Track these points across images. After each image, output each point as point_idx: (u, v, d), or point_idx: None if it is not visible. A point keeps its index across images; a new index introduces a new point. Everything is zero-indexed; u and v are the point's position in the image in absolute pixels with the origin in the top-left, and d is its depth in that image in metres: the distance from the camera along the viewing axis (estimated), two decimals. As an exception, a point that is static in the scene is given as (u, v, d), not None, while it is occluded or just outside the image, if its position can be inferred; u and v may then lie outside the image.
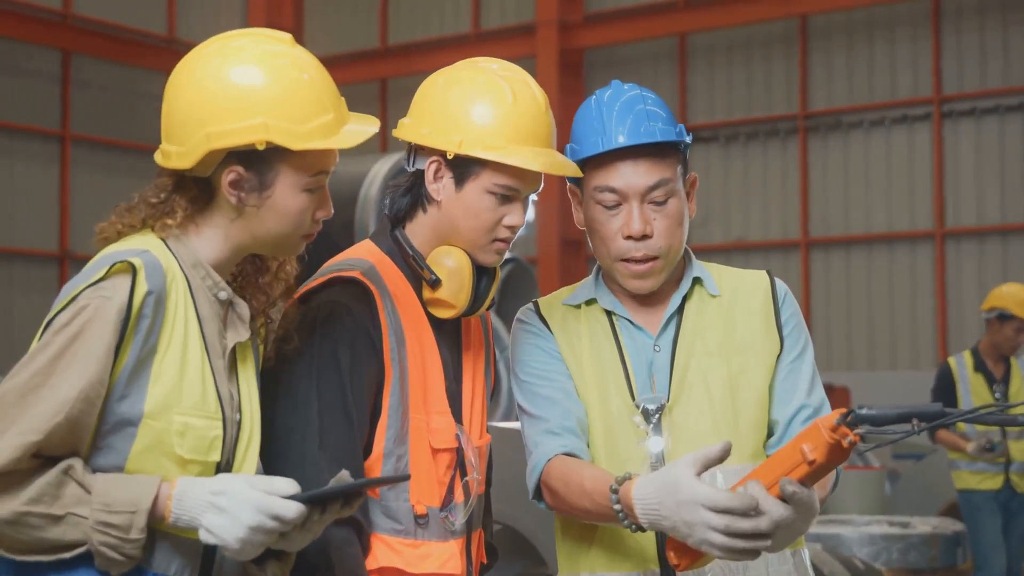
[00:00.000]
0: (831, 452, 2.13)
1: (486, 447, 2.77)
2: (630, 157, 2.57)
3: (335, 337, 2.49)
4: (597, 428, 2.59)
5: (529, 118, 2.56)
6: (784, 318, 2.67)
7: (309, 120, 2.23)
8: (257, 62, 2.24)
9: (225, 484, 2.10)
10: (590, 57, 17.00)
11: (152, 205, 2.28)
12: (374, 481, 2.37)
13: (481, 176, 2.55)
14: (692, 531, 2.18)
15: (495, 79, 2.59)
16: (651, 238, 2.57)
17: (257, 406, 2.35)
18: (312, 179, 2.28)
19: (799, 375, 2.64)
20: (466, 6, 18.03)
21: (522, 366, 2.66)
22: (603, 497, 2.35)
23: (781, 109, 16.11)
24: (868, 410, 2.13)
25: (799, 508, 2.17)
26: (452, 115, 2.56)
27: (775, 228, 16.13)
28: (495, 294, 2.68)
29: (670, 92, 16.67)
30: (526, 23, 17.17)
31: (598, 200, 2.60)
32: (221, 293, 2.28)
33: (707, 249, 16.23)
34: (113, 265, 2.14)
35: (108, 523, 2.04)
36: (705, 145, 16.50)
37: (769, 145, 16.23)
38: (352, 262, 2.60)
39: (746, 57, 16.36)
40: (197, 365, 2.21)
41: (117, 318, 2.10)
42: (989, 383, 7.81)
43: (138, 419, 2.14)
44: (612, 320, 2.66)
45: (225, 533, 2.06)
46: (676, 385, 2.59)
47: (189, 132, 2.23)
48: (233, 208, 2.27)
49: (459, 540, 2.62)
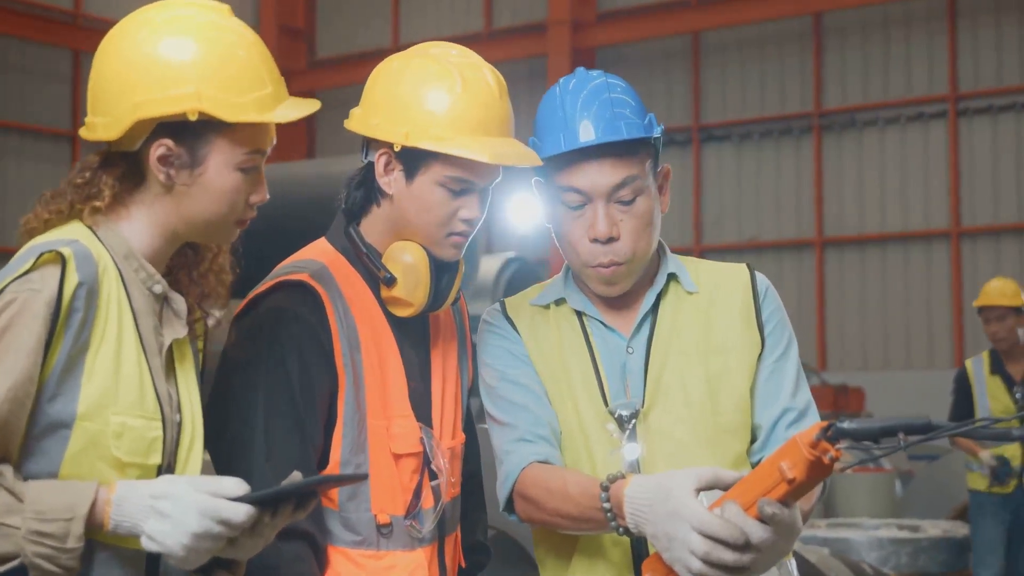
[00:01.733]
0: (811, 469, 1.99)
1: (460, 447, 2.64)
2: (595, 155, 2.42)
3: (282, 344, 2.37)
4: (570, 435, 2.46)
5: (480, 106, 2.43)
6: (765, 315, 2.52)
7: (244, 93, 2.11)
8: (190, 32, 2.12)
9: (168, 487, 1.96)
10: (602, 56, 16.91)
11: (78, 187, 2.14)
12: (326, 479, 2.25)
13: (431, 168, 2.43)
14: (671, 546, 2.07)
15: (445, 66, 2.45)
16: (617, 240, 2.43)
17: (198, 407, 2.22)
18: (247, 157, 2.15)
19: (782, 376, 2.50)
20: (477, 5, 17.98)
21: (489, 371, 2.53)
22: (591, 499, 2.23)
23: (795, 107, 16.02)
24: (850, 423, 1.99)
25: (780, 529, 2.04)
26: (400, 105, 2.44)
27: (788, 227, 16.02)
28: (459, 288, 2.57)
29: (683, 91, 16.60)
30: (538, 22, 17.11)
31: (562, 200, 2.46)
32: (156, 286, 2.16)
33: (719, 249, 16.15)
34: (41, 256, 2.00)
35: (42, 532, 1.90)
36: (718, 144, 16.42)
37: (782, 144, 16.12)
38: (301, 264, 2.49)
39: (759, 55, 16.27)
40: (133, 362, 2.08)
41: (47, 311, 1.97)
42: (1008, 386, 7.41)
43: (71, 420, 2.00)
44: (583, 321, 2.53)
45: (169, 540, 1.92)
46: (651, 389, 2.45)
47: (116, 102, 2.10)
48: (162, 187, 2.13)
49: (428, 548, 2.49)
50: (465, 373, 2.70)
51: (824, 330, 15.72)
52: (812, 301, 15.81)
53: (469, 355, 2.74)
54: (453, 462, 2.58)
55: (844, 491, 9.09)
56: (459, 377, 2.66)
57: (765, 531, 2.03)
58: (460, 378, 2.67)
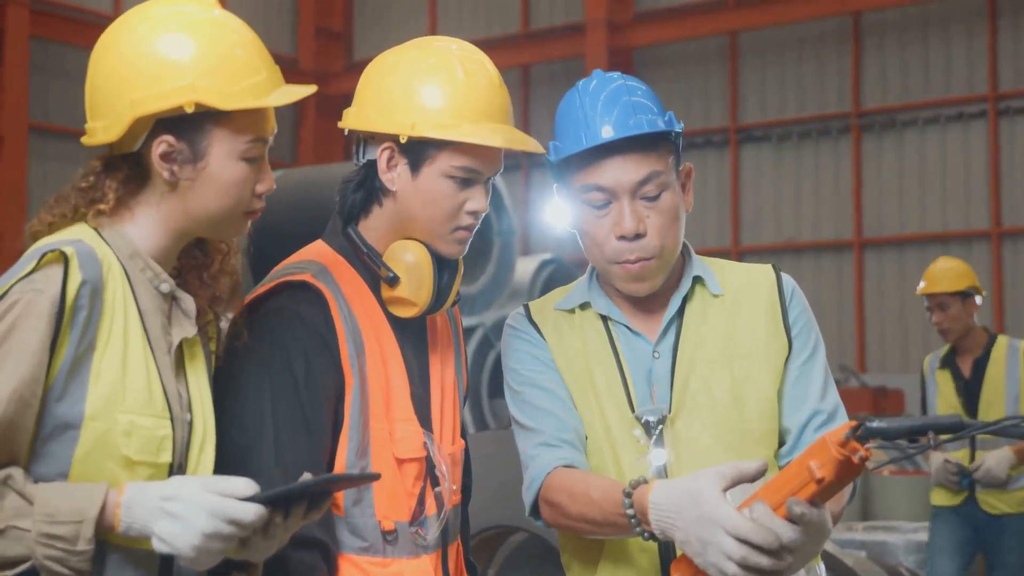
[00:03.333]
0: (840, 469, 1.97)
1: (460, 453, 2.61)
2: (617, 152, 2.40)
3: (287, 347, 2.33)
4: (596, 441, 2.44)
5: (483, 93, 2.41)
6: (792, 317, 2.50)
7: (239, 80, 2.12)
8: (182, 27, 2.14)
9: (177, 488, 1.95)
10: (639, 56, 16.85)
11: (82, 190, 2.15)
12: (337, 478, 2.22)
13: (438, 159, 2.40)
14: (705, 551, 2.03)
15: (444, 56, 2.44)
16: (645, 237, 2.40)
17: (210, 406, 2.21)
18: (249, 145, 2.15)
19: (810, 378, 2.47)
20: (515, 6, 17.96)
21: (514, 375, 2.51)
22: (614, 504, 2.20)
23: (833, 107, 15.91)
24: (879, 423, 1.96)
25: (809, 529, 2.01)
26: (401, 97, 2.41)
27: (827, 228, 15.91)
28: (459, 289, 2.54)
29: (720, 91, 16.52)
30: (575, 22, 17.06)
31: (586, 200, 2.43)
32: (163, 285, 2.16)
33: (758, 250, 16.07)
34: (43, 256, 2.01)
35: (53, 535, 1.90)
36: (756, 145, 16.33)
37: (821, 144, 16.02)
38: (301, 265, 2.45)
39: (798, 55, 16.17)
40: (140, 361, 2.08)
41: (51, 311, 1.97)
42: (956, 381, 6.48)
43: (79, 421, 2.00)
44: (608, 326, 2.50)
45: (179, 541, 1.92)
46: (678, 395, 2.42)
47: (113, 103, 2.11)
48: (167, 184, 2.13)
49: (433, 555, 2.46)
50: (461, 380, 2.67)
51: (864, 332, 15.61)
52: (851, 302, 15.71)
53: (464, 362, 2.70)
54: (454, 468, 2.55)
55: (882, 494, 9.00)
56: (456, 383, 2.63)
57: (794, 532, 2.00)
58: (457, 384, 2.64)
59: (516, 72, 17.58)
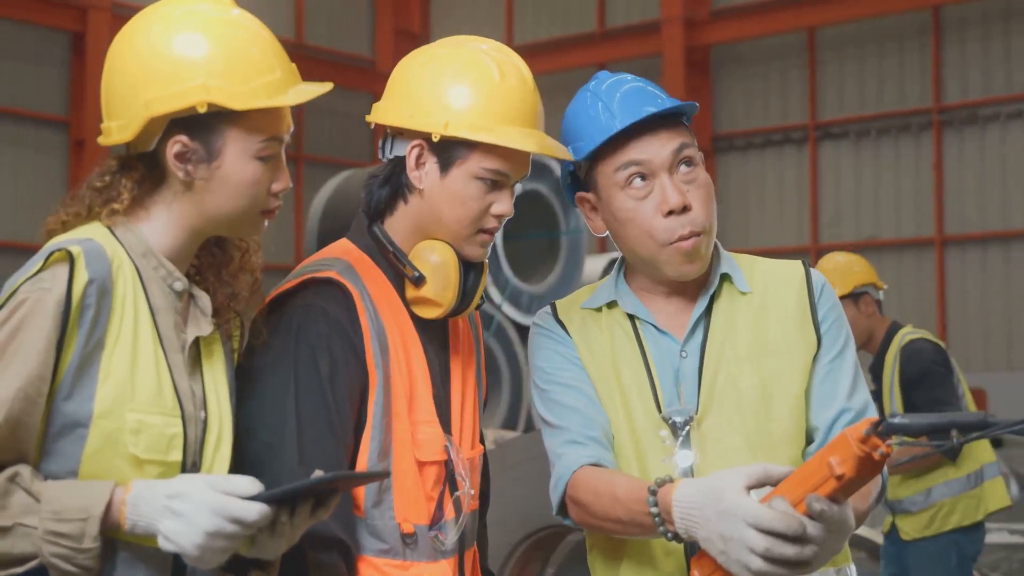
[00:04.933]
0: (861, 465, 1.92)
1: (479, 459, 2.57)
2: (646, 131, 2.38)
3: (312, 343, 2.31)
4: (622, 441, 2.39)
5: (518, 97, 2.38)
6: (822, 314, 2.44)
7: (252, 79, 2.11)
8: (195, 26, 2.13)
9: (182, 486, 1.95)
10: (716, 54, 16.76)
11: (97, 190, 2.15)
12: (345, 476, 2.18)
13: (468, 160, 2.37)
14: (728, 548, 1.99)
15: (479, 56, 2.40)
16: (692, 211, 2.37)
17: (227, 405, 2.21)
18: (263, 145, 2.14)
19: (839, 376, 2.41)
20: (591, 5, 17.93)
21: (540, 373, 2.47)
22: (639, 503, 2.16)
23: (914, 103, 15.70)
24: (901, 419, 1.91)
25: (830, 526, 1.96)
26: (435, 95, 2.38)
27: (908, 226, 15.70)
28: (483, 292, 2.52)
29: (799, 87, 16.37)
30: (651, 20, 17.00)
31: (623, 184, 2.39)
32: (176, 283, 2.15)
33: (837, 248, 15.86)
34: (51, 255, 2.01)
35: (59, 532, 1.91)
36: (835, 141, 16.16)
37: (901, 140, 15.81)
38: (327, 262, 2.42)
39: (878, 50, 15.97)
40: (150, 359, 2.07)
41: (57, 310, 1.97)
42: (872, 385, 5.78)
43: (87, 419, 2.00)
44: (635, 325, 2.46)
45: (183, 539, 1.91)
46: (705, 395, 2.37)
47: (127, 103, 2.11)
48: (182, 184, 2.13)
49: (451, 560, 2.43)
50: (481, 385, 2.64)
51: (946, 330, 15.38)
52: (933, 301, 15.49)
53: (483, 367, 2.68)
54: (472, 473, 2.52)
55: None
56: (476, 388, 2.60)
57: (814, 528, 1.96)
58: (477, 389, 2.61)
59: (591, 71, 17.48)
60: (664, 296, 2.47)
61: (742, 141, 16.66)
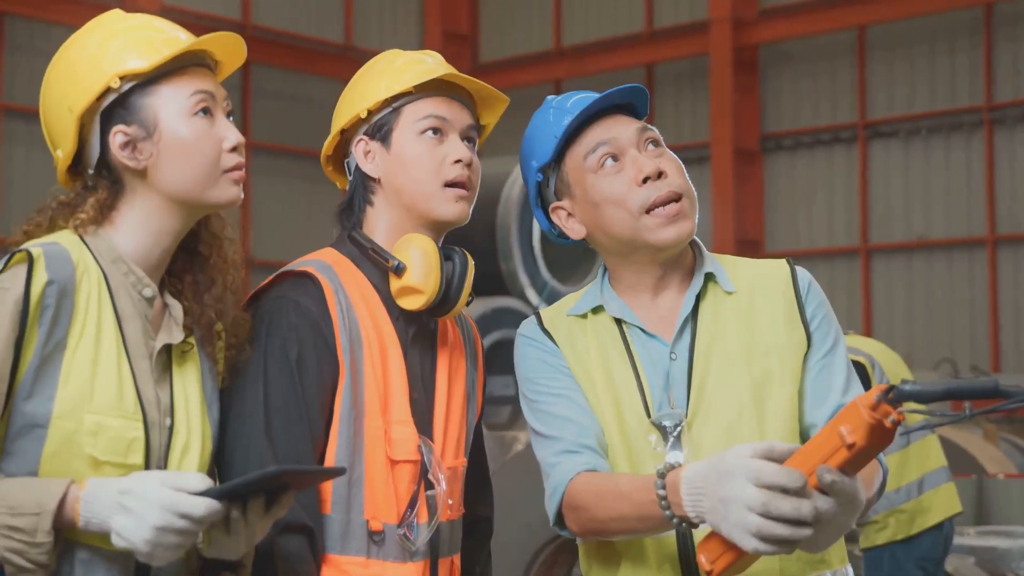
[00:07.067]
0: (872, 433, 1.89)
1: (462, 469, 2.58)
2: (605, 117, 2.46)
3: (282, 334, 2.37)
4: (615, 448, 2.38)
5: (416, 58, 2.59)
6: (810, 311, 2.42)
7: (153, 45, 2.21)
8: (96, 31, 2.26)
9: (134, 483, 1.98)
10: (765, 53, 16.65)
11: (62, 203, 2.23)
12: (297, 470, 2.20)
13: (401, 121, 2.52)
14: (728, 512, 1.96)
15: (378, 57, 2.64)
16: (667, 176, 2.40)
17: (197, 413, 2.24)
18: (193, 100, 2.21)
19: (832, 371, 2.40)
20: (639, 5, 17.87)
21: (529, 384, 2.46)
22: (645, 491, 2.14)
23: (965, 101, 15.52)
24: (912, 386, 1.88)
25: (841, 499, 1.94)
26: (355, 91, 2.59)
27: (958, 225, 15.52)
28: (471, 290, 2.55)
29: (848, 86, 16.23)
30: (699, 21, 16.93)
31: (596, 168, 2.42)
32: (145, 290, 2.20)
33: (886, 248, 15.77)
34: (12, 256, 2.09)
35: (13, 527, 1.95)
36: (885, 140, 16.01)
37: (952, 139, 15.64)
38: (307, 261, 2.50)
39: (928, 48, 15.80)
40: (112, 363, 2.12)
41: (15, 308, 2.03)
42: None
43: (46, 420, 2.05)
44: (622, 329, 2.44)
45: (132, 535, 1.94)
46: (695, 398, 2.36)
47: (61, 122, 2.22)
48: (138, 177, 2.21)
49: (420, 564, 2.44)
50: (474, 398, 2.66)
51: (998, 331, 15.18)
52: (984, 301, 15.29)
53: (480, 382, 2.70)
54: (454, 483, 2.53)
55: (1000, 497, 8.72)
56: (466, 398, 2.61)
57: (825, 502, 1.94)
58: (468, 401, 2.62)
59: (640, 72, 17.50)
60: (650, 294, 2.46)
61: (791, 141, 16.55)
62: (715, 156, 16.35)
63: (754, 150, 16.57)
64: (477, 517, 2.72)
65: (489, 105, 2.66)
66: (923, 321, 15.47)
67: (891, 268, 15.86)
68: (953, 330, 15.32)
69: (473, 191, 2.54)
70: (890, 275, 15.84)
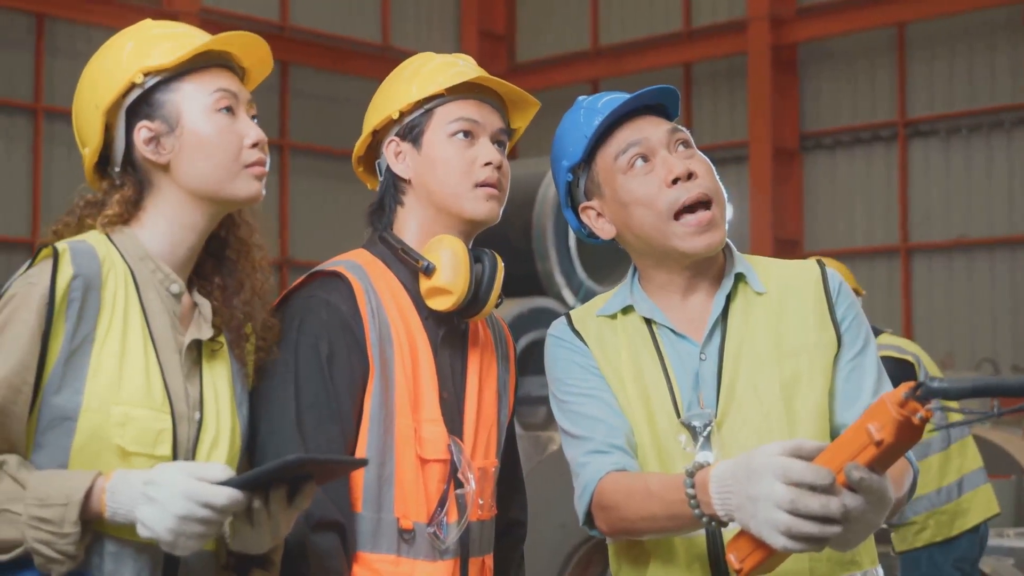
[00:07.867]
0: (900, 430, 1.89)
1: (493, 470, 2.59)
2: (635, 117, 2.47)
3: (313, 332, 2.41)
4: (644, 448, 2.38)
5: (449, 61, 2.62)
6: (840, 312, 2.42)
7: (175, 43, 2.28)
8: (125, 37, 2.33)
9: (157, 473, 2.02)
10: (804, 51, 16.56)
11: (89, 203, 2.29)
12: (318, 459, 2.21)
13: (432, 123, 2.55)
14: (756, 510, 1.96)
15: (419, 56, 2.67)
16: (698, 177, 2.39)
17: (227, 408, 2.27)
18: (216, 96, 2.27)
19: (863, 372, 2.39)
20: (676, 4, 17.81)
21: (559, 385, 2.46)
22: (675, 490, 2.14)
23: (1006, 99, 15.36)
24: (940, 383, 1.87)
25: (870, 497, 1.94)
26: (386, 93, 2.62)
27: (1000, 224, 15.38)
28: (500, 292, 2.56)
29: (888, 85, 16.12)
30: (738, 19, 16.86)
31: (626, 168, 2.43)
32: (173, 286, 2.25)
33: (926, 247, 15.67)
34: (39, 253, 2.14)
35: (41, 518, 1.98)
36: (924, 139, 15.90)
37: (993, 137, 15.50)
38: (337, 261, 2.53)
39: (968, 46, 15.67)
40: (139, 357, 2.16)
41: (41, 303, 2.08)
42: None
43: (76, 412, 2.09)
44: (652, 329, 2.45)
45: (157, 525, 1.98)
46: (725, 398, 2.36)
47: (88, 119, 2.29)
48: (162, 172, 2.26)
49: (450, 562, 2.45)
50: (505, 399, 2.66)
51: (1045, 333, 15.07)
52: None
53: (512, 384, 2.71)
54: (484, 483, 2.54)
55: (1042, 499, 8.65)
56: (498, 400, 2.62)
57: (854, 499, 1.93)
58: (500, 402, 2.63)
59: (678, 71, 17.45)
60: (680, 295, 2.46)
61: (830, 140, 16.46)
62: (753, 155, 16.28)
63: (793, 149, 16.49)
64: (511, 520, 2.73)
65: (520, 108, 2.67)
66: (964, 321, 15.34)
67: (932, 268, 15.75)
68: (995, 330, 15.18)
69: (503, 193, 2.56)
70: (931, 275, 15.73)
